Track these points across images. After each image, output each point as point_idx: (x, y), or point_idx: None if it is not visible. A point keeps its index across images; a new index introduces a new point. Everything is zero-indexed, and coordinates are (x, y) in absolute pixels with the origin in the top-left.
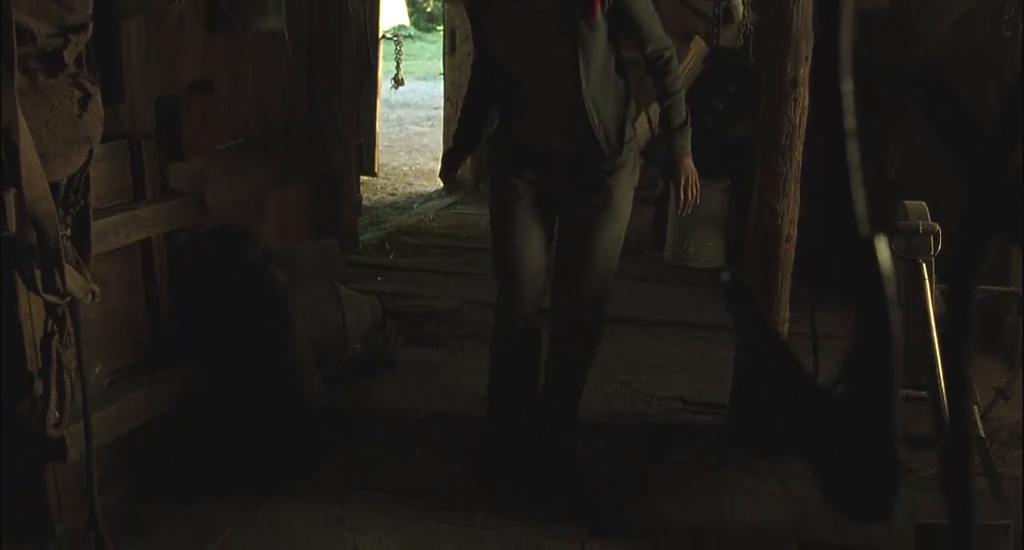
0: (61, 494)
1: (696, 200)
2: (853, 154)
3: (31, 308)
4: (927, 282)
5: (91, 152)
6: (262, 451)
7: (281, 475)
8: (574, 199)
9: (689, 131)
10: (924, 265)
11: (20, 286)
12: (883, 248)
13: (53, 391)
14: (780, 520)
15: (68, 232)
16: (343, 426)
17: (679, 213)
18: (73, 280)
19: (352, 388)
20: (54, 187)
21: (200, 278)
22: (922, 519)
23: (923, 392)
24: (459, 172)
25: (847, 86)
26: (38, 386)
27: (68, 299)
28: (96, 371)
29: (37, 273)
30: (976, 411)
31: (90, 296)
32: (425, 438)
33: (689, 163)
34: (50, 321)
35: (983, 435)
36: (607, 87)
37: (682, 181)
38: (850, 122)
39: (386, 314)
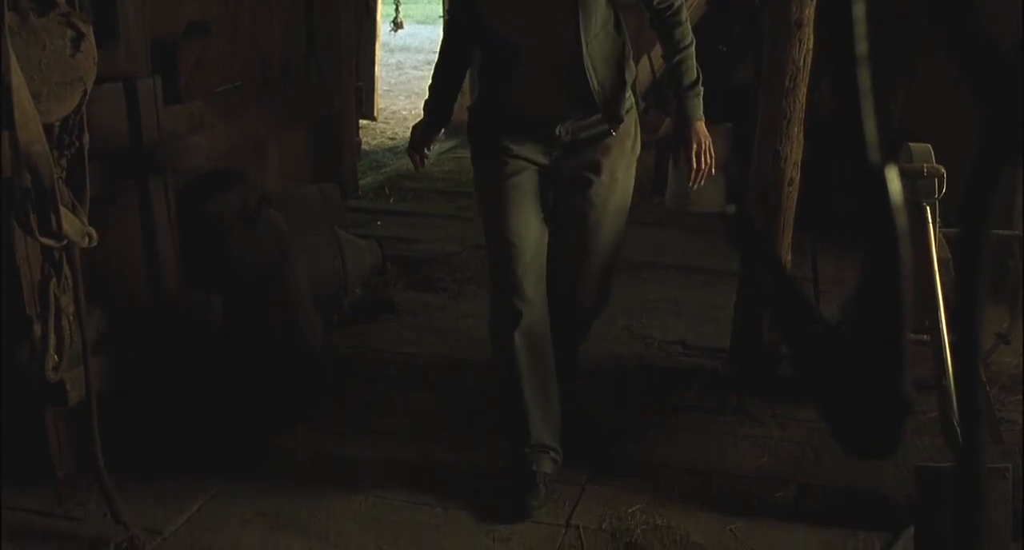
0: (62, 438)
1: (712, 170)
2: (864, 80)
3: (28, 252)
4: (930, 225)
5: (85, 93)
6: (263, 394)
7: (282, 417)
8: (571, 175)
9: (701, 91)
10: (928, 208)
11: (16, 230)
12: (893, 177)
13: (52, 335)
14: (779, 464)
15: (63, 174)
16: (344, 369)
17: (691, 185)
18: (69, 223)
19: (352, 332)
20: (48, 129)
21: (198, 222)
22: (921, 462)
23: (924, 336)
24: (430, 147)
25: (859, 10)
26: (36, 330)
27: (65, 242)
28: (94, 316)
29: (33, 216)
30: None
31: (87, 239)
32: (426, 381)
33: (702, 127)
34: (47, 265)
35: (983, 379)
36: (606, 47)
37: (693, 148)
38: (862, 47)
39: (386, 258)
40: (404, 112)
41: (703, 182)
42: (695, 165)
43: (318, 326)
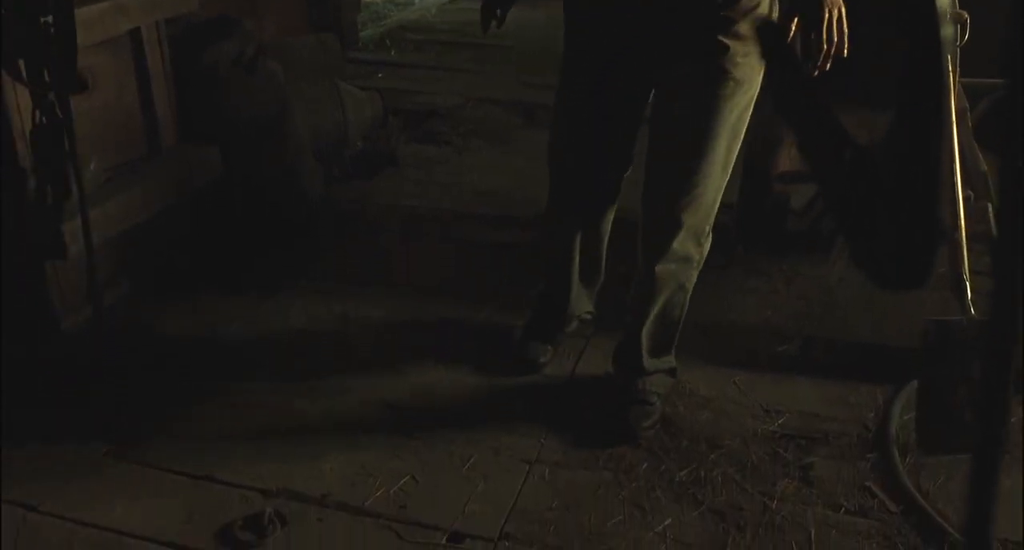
0: (64, 292)
1: (844, 51)
2: None
3: (18, 100)
4: (952, 73)
5: None
6: (262, 247)
7: (282, 271)
8: (677, 65)
9: None
10: (948, 56)
11: (5, 77)
12: None
13: (47, 186)
14: (785, 317)
15: (49, 18)
16: (344, 222)
17: (812, 72)
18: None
19: (353, 185)
20: None
21: (193, 72)
22: (927, 315)
23: None
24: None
25: None
26: (31, 181)
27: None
28: (91, 167)
29: (21, 63)
30: (989, 209)
31: (78, 87)
32: (428, 234)
33: None
34: (38, 114)
35: (995, 233)
36: None
37: (815, 17)
38: None
39: (387, 111)
40: None
41: (828, 66)
42: (819, 44)
43: (318, 178)
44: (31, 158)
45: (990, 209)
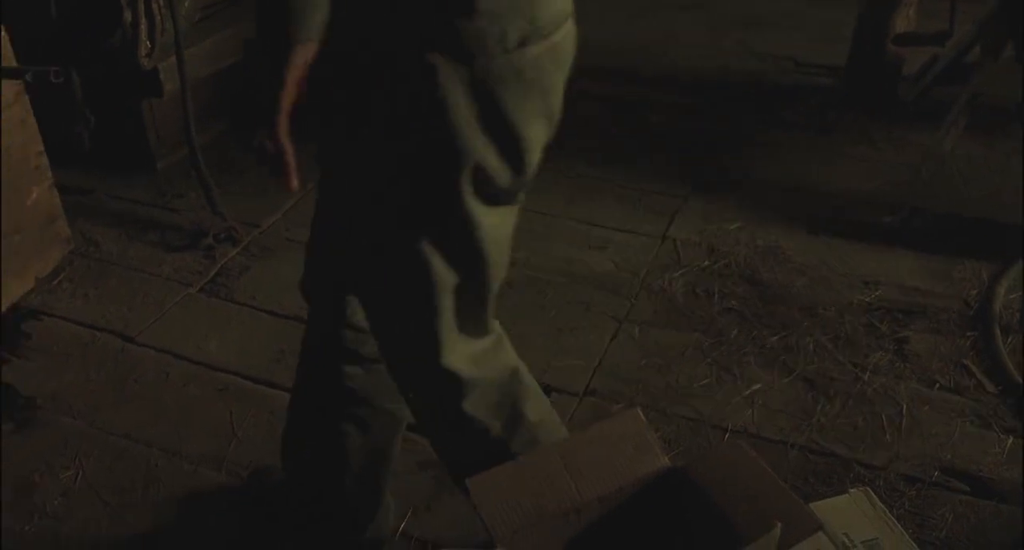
0: (160, 131)
1: None
2: None
3: None
4: None
5: None
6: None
7: None
8: None
9: None
10: None
11: None
12: None
13: (143, 20)
14: (890, 186)
15: None
16: None
17: None
18: None
19: None
20: None
21: None
22: None
23: None
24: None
25: None
26: (127, 15)
27: None
28: (186, 3)
29: None
30: None
31: None
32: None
33: None
34: None
35: None
36: None
37: None
38: None
39: None
40: None
41: None
42: None
43: None
44: None
45: None
